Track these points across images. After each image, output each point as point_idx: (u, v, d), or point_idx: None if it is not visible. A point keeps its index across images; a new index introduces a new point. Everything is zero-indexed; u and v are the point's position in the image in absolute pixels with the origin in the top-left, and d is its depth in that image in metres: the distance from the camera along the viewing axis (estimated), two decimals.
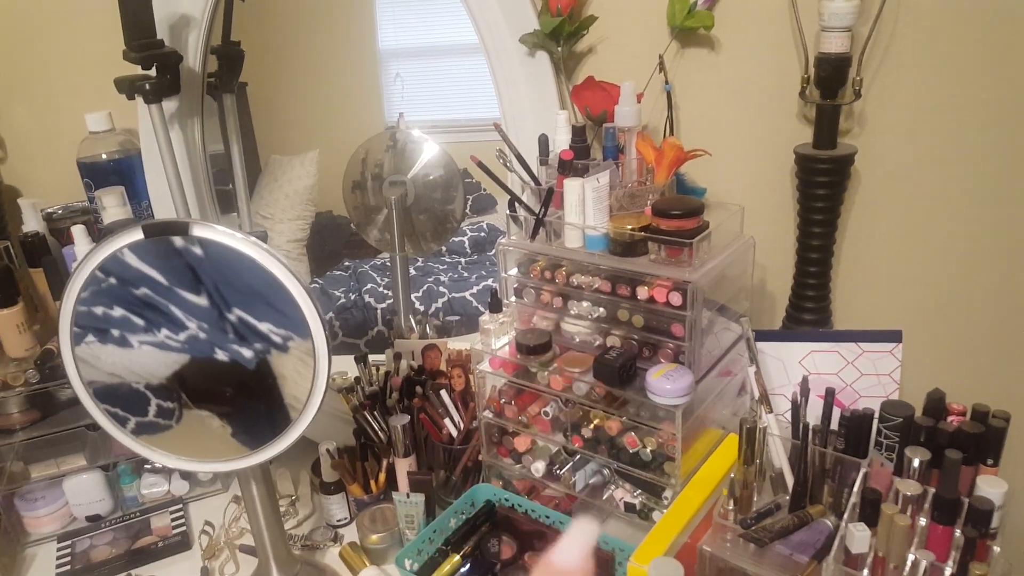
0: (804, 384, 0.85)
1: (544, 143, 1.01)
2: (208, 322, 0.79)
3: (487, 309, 1.02)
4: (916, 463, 0.73)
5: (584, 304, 0.93)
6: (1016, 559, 0.74)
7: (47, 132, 1.31)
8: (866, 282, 1.09)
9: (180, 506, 1.15)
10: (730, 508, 0.77)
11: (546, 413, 0.96)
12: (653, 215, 0.87)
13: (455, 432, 1.07)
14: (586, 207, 0.89)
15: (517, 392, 0.99)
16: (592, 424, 0.93)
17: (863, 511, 0.70)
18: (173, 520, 1.12)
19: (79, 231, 1.05)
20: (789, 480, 0.83)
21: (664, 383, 0.84)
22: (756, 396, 0.92)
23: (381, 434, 1.08)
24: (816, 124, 0.99)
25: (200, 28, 1.14)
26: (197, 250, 0.77)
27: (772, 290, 1.14)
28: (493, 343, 1.00)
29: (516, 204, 0.97)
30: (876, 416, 0.79)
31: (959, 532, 0.68)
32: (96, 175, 1.20)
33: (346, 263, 1.43)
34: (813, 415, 0.83)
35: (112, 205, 1.07)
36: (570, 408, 0.94)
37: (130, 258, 0.78)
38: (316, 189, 1.37)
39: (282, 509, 1.11)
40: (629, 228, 0.87)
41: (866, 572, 0.68)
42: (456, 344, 1.13)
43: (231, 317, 0.79)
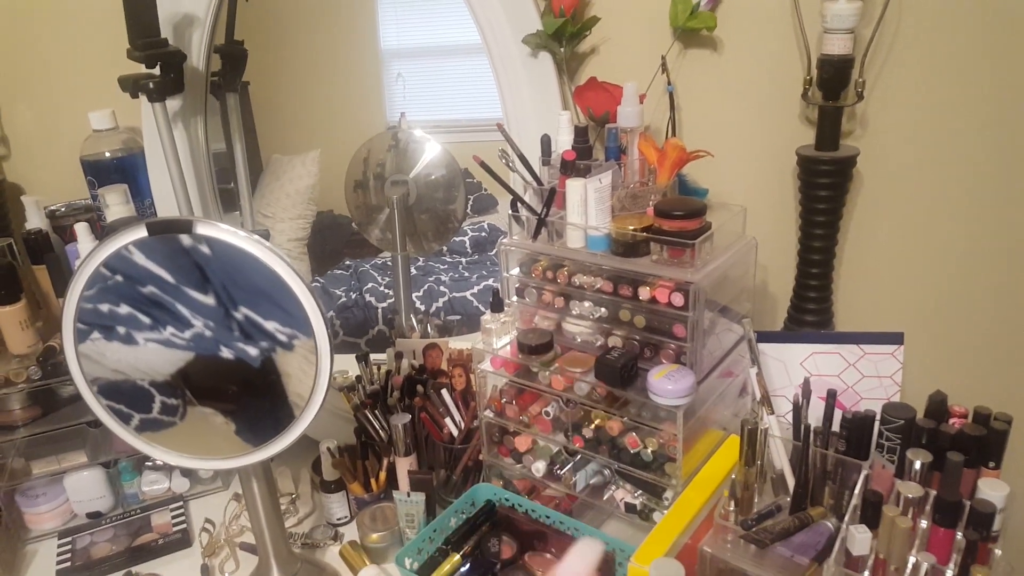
0: (805, 385, 0.85)
1: (546, 143, 1.01)
2: (214, 320, 0.79)
3: (488, 309, 1.02)
4: (917, 465, 0.73)
5: (586, 304, 0.93)
6: (1018, 562, 0.74)
7: (51, 130, 1.31)
8: (868, 284, 1.09)
9: (181, 503, 1.15)
10: (731, 509, 0.77)
11: (547, 413, 0.96)
12: (655, 216, 0.88)
13: (456, 431, 1.07)
14: (588, 207, 0.89)
15: (518, 392, 1.00)
16: (593, 424, 0.93)
17: (864, 513, 0.70)
18: (174, 517, 1.12)
19: (82, 229, 1.06)
20: (790, 482, 0.83)
21: (665, 384, 0.84)
22: (757, 397, 0.93)
23: (382, 433, 1.08)
24: (818, 126, 0.99)
25: (204, 27, 1.14)
26: (205, 249, 0.77)
27: (774, 291, 1.14)
28: (494, 343, 1.00)
29: (518, 204, 0.97)
30: (877, 418, 0.79)
31: (960, 535, 0.68)
32: (99, 173, 1.20)
33: (347, 262, 1.43)
34: (814, 417, 0.83)
35: (115, 203, 1.07)
36: (571, 408, 0.94)
37: (137, 256, 0.78)
38: (317, 188, 1.37)
39: (283, 507, 1.11)
40: (631, 229, 0.88)
41: (867, 574, 0.68)
42: (457, 343, 1.13)
43: (237, 315, 0.79)
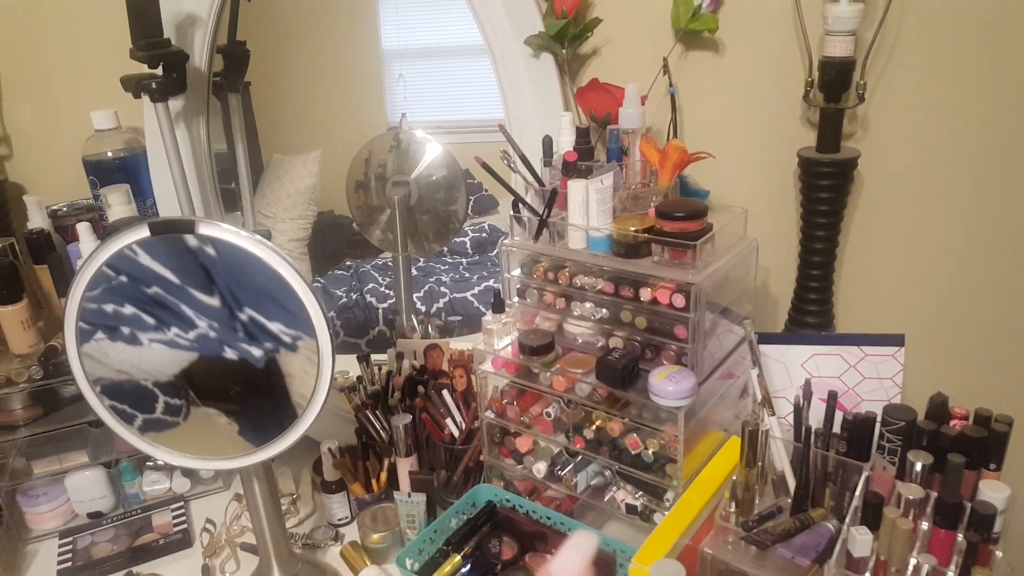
0: (806, 387, 0.85)
1: (548, 144, 1.01)
2: (218, 321, 0.79)
3: (489, 309, 1.02)
4: (918, 467, 0.73)
5: (587, 305, 0.93)
6: (1019, 564, 0.74)
7: (53, 130, 1.31)
8: (869, 285, 1.09)
9: (181, 504, 1.15)
10: (732, 511, 0.77)
11: (548, 414, 0.96)
12: (657, 217, 0.88)
13: (457, 432, 1.08)
14: (590, 208, 0.89)
15: (519, 393, 1.00)
16: (594, 425, 0.93)
17: (865, 515, 0.70)
18: (174, 518, 1.12)
19: (84, 228, 1.05)
20: (791, 483, 0.83)
21: (667, 385, 0.84)
22: (758, 399, 0.93)
23: (383, 433, 1.08)
24: (819, 127, 0.99)
25: (206, 27, 1.14)
26: (210, 250, 0.77)
27: (775, 293, 1.14)
28: (496, 343, 1.00)
29: (520, 205, 0.97)
30: (878, 420, 0.79)
31: (961, 536, 0.68)
32: (101, 173, 1.20)
33: (348, 263, 1.43)
34: (815, 418, 0.83)
35: (117, 203, 1.08)
36: (572, 409, 0.94)
37: (143, 257, 0.78)
38: (318, 189, 1.37)
39: (283, 508, 1.11)
40: (633, 230, 0.88)
41: None
42: (458, 344, 1.13)
43: (242, 316, 0.79)
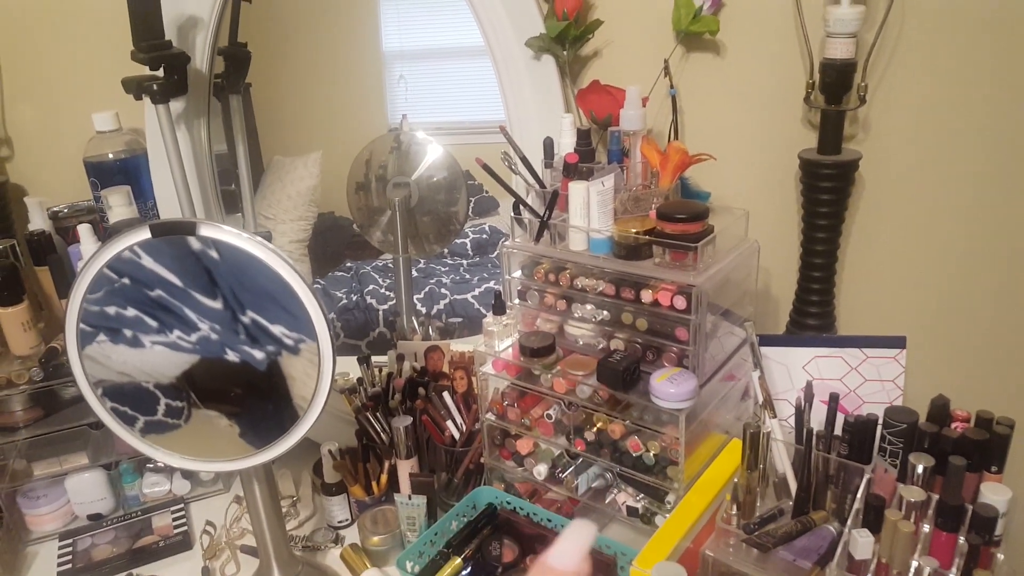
0: (808, 389, 0.85)
1: (549, 146, 1.01)
2: (221, 324, 0.79)
3: (489, 311, 1.02)
4: (920, 469, 0.73)
5: (588, 307, 0.93)
6: (1020, 566, 0.74)
7: (54, 131, 1.31)
8: (870, 287, 1.09)
9: (182, 506, 1.15)
10: (733, 513, 0.77)
11: (549, 416, 0.96)
12: (658, 219, 0.88)
13: (457, 434, 1.07)
14: (591, 210, 0.89)
15: (520, 395, 0.99)
16: (595, 427, 0.93)
17: (866, 517, 0.70)
18: (174, 520, 1.12)
19: (85, 230, 1.06)
20: (792, 485, 0.83)
21: (668, 387, 0.84)
22: (760, 401, 0.93)
23: (383, 435, 1.08)
24: (821, 129, 0.99)
25: (207, 29, 1.14)
26: (213, 253, 0.77)
27: (776, 295, 1.14)
28: (496, 345, 1.00)
29: (521, 207, 0.97)
30: (880, 422, 0.79)
31: (963, 539, 0.68)
32: (102, 174, 1.20)
33: (348, 264, 1.43)
34: (817, 420, 0.83)
35: (118, 204, 1.08)
36: (573, 411, 0.94)
37: (145, 260, 0.78)
38: (318, 190, 1.37)
39: (283, 510, 1.11)
40: (633, 231, 0.88)
41: None
42: (459, 346, 1.13)
43: (244, 319, 0.79)
